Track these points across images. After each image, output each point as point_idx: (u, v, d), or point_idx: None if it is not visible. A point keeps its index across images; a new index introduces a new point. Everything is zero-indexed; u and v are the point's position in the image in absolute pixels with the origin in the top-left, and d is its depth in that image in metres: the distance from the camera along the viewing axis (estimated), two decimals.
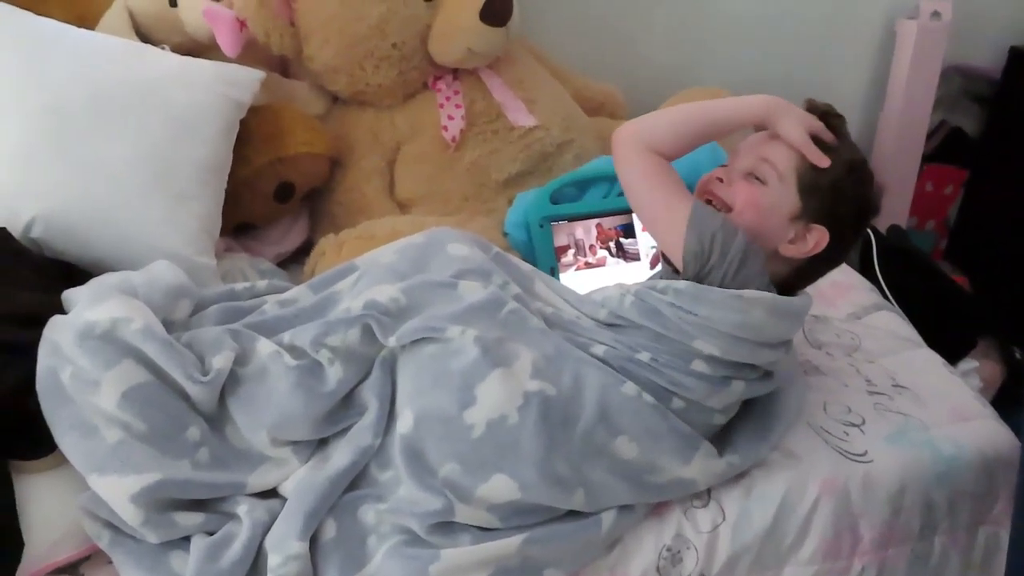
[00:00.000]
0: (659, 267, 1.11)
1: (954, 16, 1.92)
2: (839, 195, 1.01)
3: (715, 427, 1.04)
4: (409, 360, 0.98)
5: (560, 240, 1.39)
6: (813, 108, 1.04)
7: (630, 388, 0.97)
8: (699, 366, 0.99)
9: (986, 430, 1.13)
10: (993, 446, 1.11)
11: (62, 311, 0.99)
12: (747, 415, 1.07)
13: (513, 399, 0.93)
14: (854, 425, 1.11)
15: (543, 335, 1.01)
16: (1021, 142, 2.01)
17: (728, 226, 0.98)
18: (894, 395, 1.17)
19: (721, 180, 1.05)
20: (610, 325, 1.04)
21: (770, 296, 0.99)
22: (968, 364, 1.69)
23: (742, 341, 0.98)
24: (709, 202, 1.04)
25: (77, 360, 0.92)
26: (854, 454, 1.07)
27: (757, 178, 1.02)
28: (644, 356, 1.00)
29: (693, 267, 0.98)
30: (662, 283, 1.01)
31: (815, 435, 1.09)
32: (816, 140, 1.00)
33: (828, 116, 1.03)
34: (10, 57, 1.21)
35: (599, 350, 1.01)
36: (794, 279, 1.04)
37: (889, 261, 1.72)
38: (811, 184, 1.00)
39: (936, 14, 1.91)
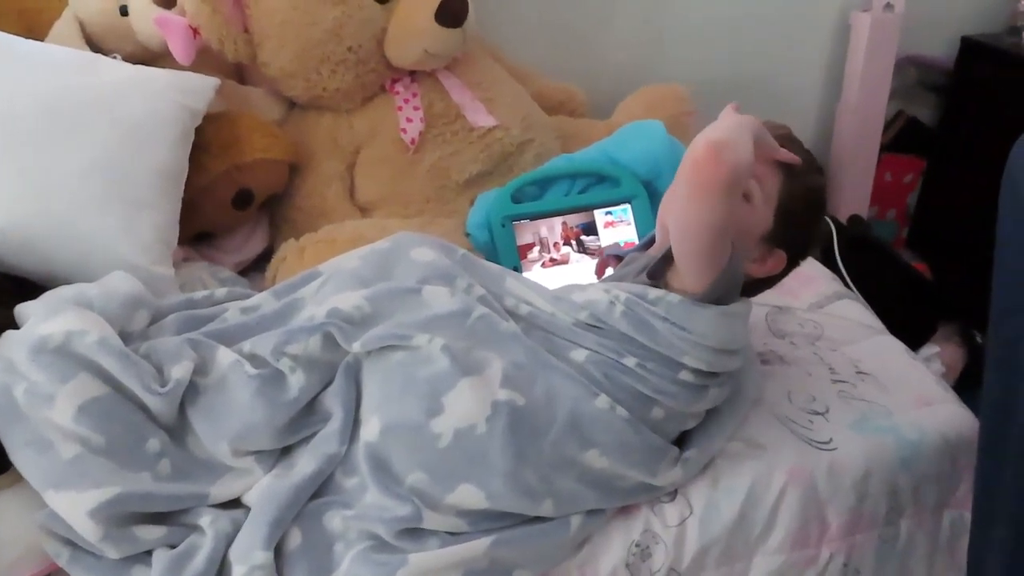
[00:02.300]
0: (635, 263, 1.09)
1: (907, 7, 1.95)
2: (803, 222, 1.03)
3: (682, 430, 1.04)
4: (376, 367, 0.97)
5: (525, 238, 1.39)
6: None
7: (603, 401, 0.96)
8: (685, 376, 0.98)
9: (948, 414, 1.14)
10: (955, 429, 1.12)
11: (15, 326, 0.97)
12: None
13: (481, 409, 0.92)
14: (818, 413, 1.12)
15: (514, 340, 0.99)
16: (977, 130, 2.04)
17: (740, 272, 0.98)
18: (857, 382, 1.18)
19: None
20: (591, 327, 1.01)
21: (744, 305, 1.00)
22: (930, 349, 1.72)
23: (723, 353, 0.99)
24: None
25: (31, 375, 0.90)
26: (819, 442, 1.07)
27: (743, 194, 0.99)
28: (630, 361, 0.98)
29: (715, 297, 0.97)
30: (653, 293, 0.98)
31: (780, 425, 1.10)
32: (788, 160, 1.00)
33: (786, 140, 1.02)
34: None
35: (581, 355, 0.99)
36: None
37: (850, 251, 1.75)
38: (787, 209, 1.01)
39: (889, 6, 1.94)
